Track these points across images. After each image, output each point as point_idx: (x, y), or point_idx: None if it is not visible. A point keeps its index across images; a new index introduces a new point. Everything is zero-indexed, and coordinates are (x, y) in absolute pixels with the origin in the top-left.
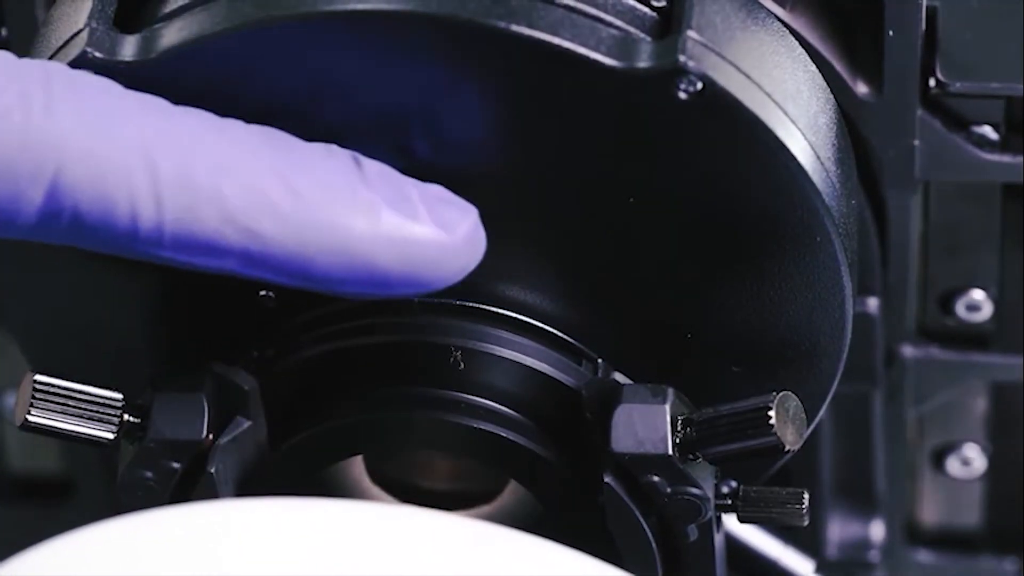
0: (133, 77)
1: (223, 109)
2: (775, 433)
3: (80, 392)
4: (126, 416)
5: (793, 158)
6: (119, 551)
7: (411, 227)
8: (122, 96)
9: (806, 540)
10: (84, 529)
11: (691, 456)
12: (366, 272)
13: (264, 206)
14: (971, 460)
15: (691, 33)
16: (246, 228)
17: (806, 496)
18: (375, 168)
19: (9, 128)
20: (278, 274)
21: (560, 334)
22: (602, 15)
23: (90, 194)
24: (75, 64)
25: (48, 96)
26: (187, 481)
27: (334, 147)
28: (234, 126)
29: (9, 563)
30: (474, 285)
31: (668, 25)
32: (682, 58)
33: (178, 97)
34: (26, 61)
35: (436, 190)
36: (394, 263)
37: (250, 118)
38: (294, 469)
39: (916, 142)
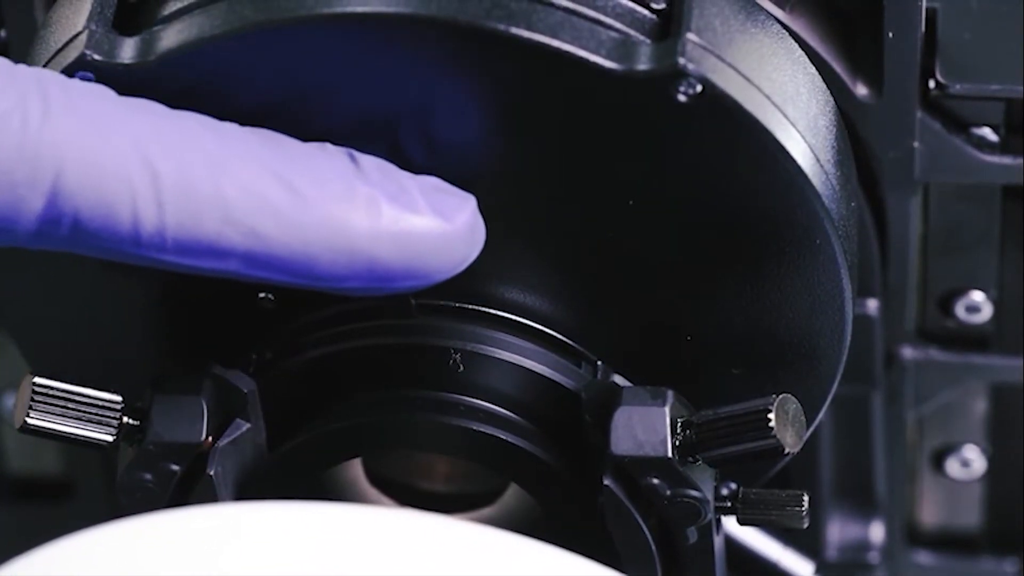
0: (132, 79)
1: (222, 111)
2: (775, 435)
3: (79, 394)
4: (125, 418)
5: (792, 160)
6: (119, 555)
7: (411, 219)
8: (118, 101)
9: (806, 542)
10: (84, 532)
11: (691, 458)
12: (368, 267)
13: (264, 206)
14: (971, 461)
15: (690, 35)
16: (248, 229)
17: (806, 498)
18: (372, 163)
19: (7, 135)
20: (282, 274)
21: (559, 336)
22: (601, 17)
23: (90, 200)
24: (74, 66)
25: (45, 102)
26: (186, 483)
27: (328, 145)
28: (229, 128)
29: (10, 566)
30: (473, 287)
31: (667, 27)
32: (681, 60)
33: (177, 99)
34: (21, 68)
35: (433, 181)
36: (396, 257)
37: (249, 120)
38: (293, 472)
39: (916, 144)
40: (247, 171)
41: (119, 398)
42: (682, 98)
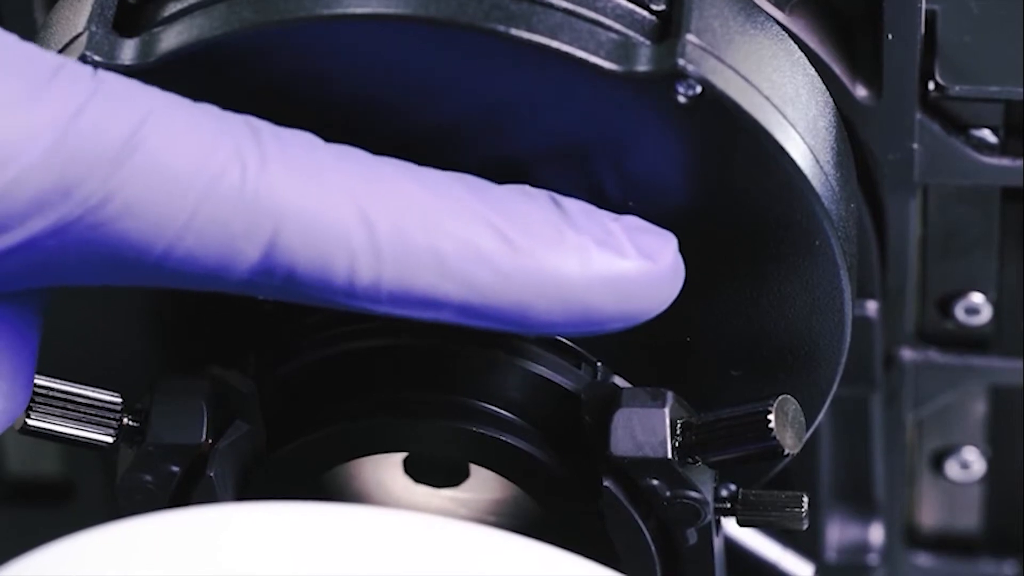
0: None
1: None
2: (775, 437)
3: (79, 395)
4: (125, 420)
5: (792, 162)
6: (119, 555)
7: (620, 263)
8: (327, 149)
9: (805, 543)
10: (84, 533)
11: (690, 460)
12: (582, 313)
13: (480, 257)
14: (970, 463)
15: (690, 37)
16: (463, 280)
17: (805, 500)
18: (575, 206)
19: (225, 187)
20: (495, 322)
21: (559, 337)
22: (601, 19)
23: (308, 254)
24: None
25: (260, 153)
26: (186, 485)
27: (528, 188)
28: (430, 174)
29: (9, 567)
30: None
31: (667, 29)
32: (681, 62)
33: None
34: (231, 115)
35: (633, 221)
36: (609, 301)
37: None
38: (292, 473)
39: (915, 145)
40: (459, 221)
41: (119, 399)
42: (682, 99)
